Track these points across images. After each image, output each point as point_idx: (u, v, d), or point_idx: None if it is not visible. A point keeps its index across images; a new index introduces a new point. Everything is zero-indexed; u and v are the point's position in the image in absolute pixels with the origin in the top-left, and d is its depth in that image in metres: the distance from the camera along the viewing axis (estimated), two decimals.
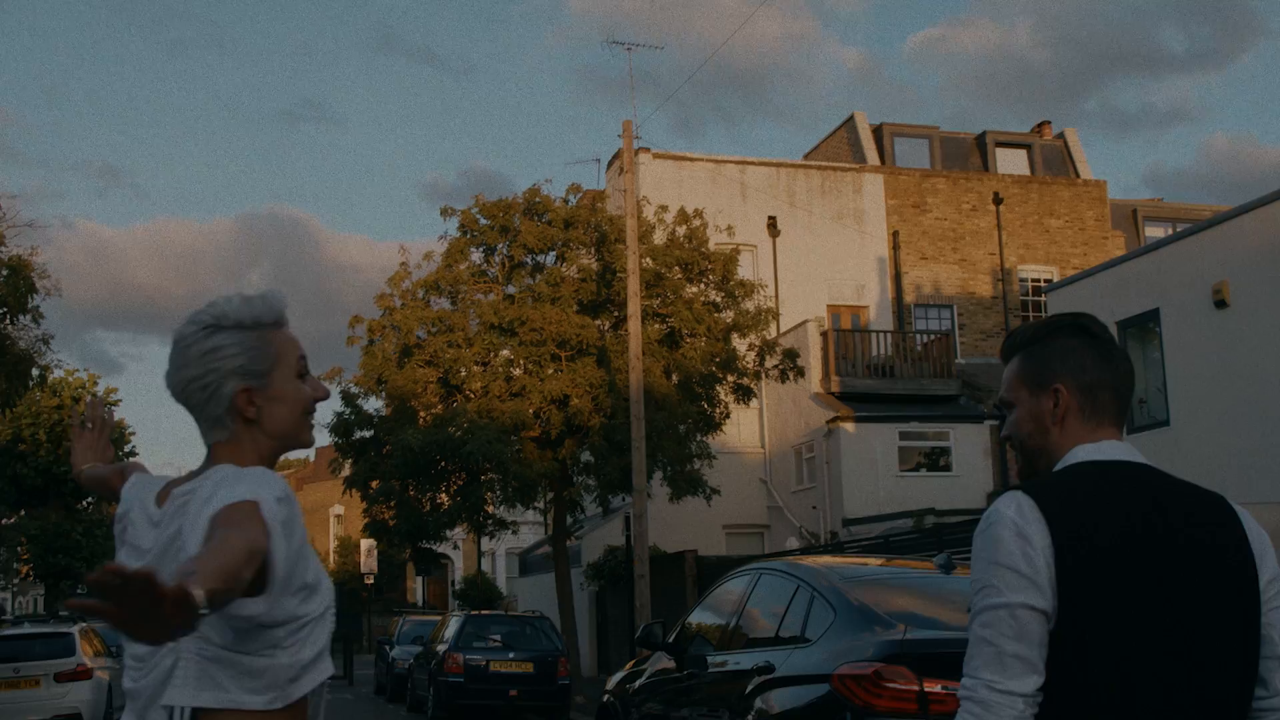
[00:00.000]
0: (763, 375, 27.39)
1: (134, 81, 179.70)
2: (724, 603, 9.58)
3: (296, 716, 2.53)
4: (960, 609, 7.60)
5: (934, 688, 6.87)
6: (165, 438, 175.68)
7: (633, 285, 23.58)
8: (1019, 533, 2.52)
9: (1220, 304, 18.96)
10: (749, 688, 8.01)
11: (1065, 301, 22.53)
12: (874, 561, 10.49)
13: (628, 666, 11.44)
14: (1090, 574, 2.50)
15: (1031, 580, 2.49)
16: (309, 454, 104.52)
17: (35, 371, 27.69)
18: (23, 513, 45.90)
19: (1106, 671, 2.49)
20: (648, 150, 33.64)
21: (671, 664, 9.76)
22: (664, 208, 27.17)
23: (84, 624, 21.43)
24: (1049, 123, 44.21)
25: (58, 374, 45.03)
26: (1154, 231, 42.93)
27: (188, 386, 2.68)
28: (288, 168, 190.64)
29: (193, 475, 2.65)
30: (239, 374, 2.64)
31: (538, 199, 26.58)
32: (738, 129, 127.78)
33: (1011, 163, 41.85)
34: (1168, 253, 20.34)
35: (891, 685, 6.76)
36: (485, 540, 39.68)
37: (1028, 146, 42.57)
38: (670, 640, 9.92)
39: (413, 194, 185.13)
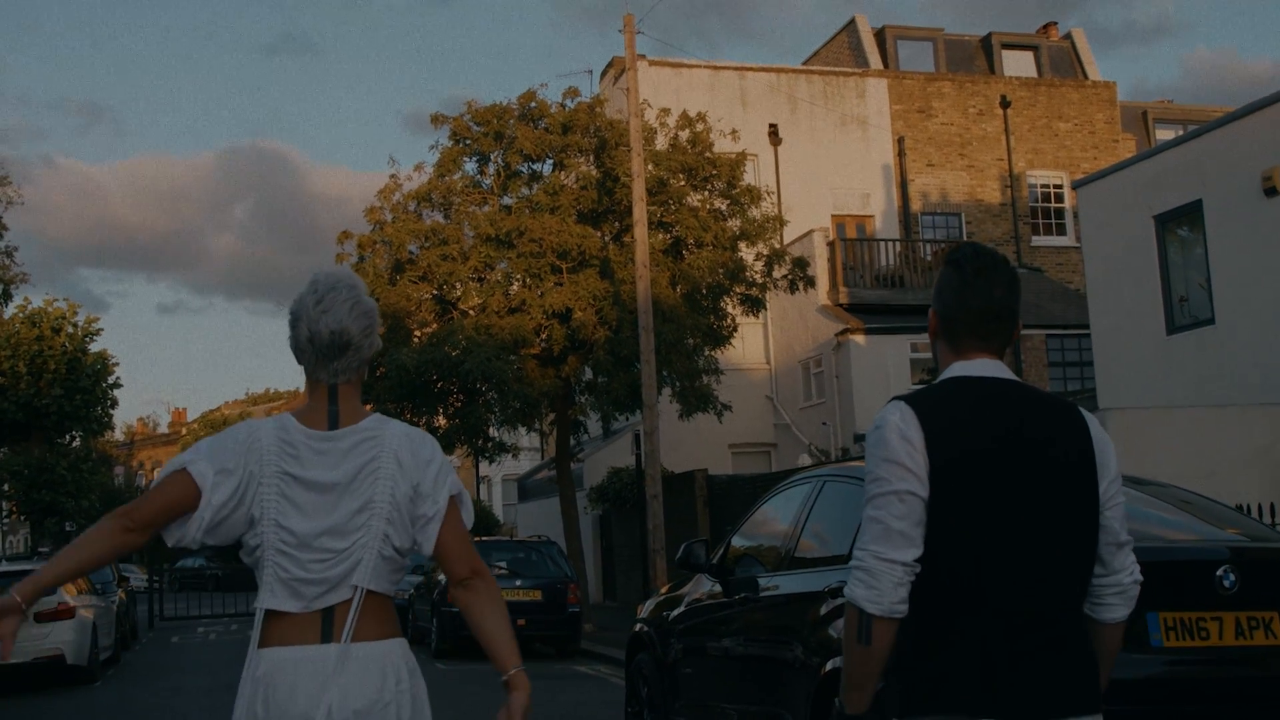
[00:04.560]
0: (771, 286, 26.08)
1: (113, 15, 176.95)
2: (777, 518, 8.38)
3: None
4: None
5: None
6: (148, 371, 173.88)
7: (638, 189, 22.24)
8: (902, 435, 3.02)
9: (1270, 192, 17.63)
10: (823, 612, 6.84)
11: (1097, 196, 21.24)
12: None
13: (663, 591, 10.29)
14: (955, 470, 2.99)
15: (913, 472, 2.99)
16: (299, 383, 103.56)
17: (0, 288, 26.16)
18: (4, 449, 44.57)
19: (962, 549, 2.99)
20: (644, 57, 32.16)
21: (716, 588, 8.59)
22: (665, 111, 25.77)
23: None
24: (1055, 24, 42.73)
25: (35, 303, 43.65)
26: (1165, 134, 41.58)
27: (365, 328, 3.35)
28: (269, 100, 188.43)
29: (331, 413, 3.34)
30: (377, 333, 3.41)
31: (533, 103, 25.15)
32: (721, 52, 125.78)
33: (1018, 65, 40.39)
34: (1211, 139, 18.96)
35: None
36: (484, 465, 38.59)
37: (1034, 48, 41.09)
38: (715, 561, 8.75)
39: (395, 124, 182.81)
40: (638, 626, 9.97)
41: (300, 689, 3.19)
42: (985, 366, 3.15)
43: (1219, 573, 5.88)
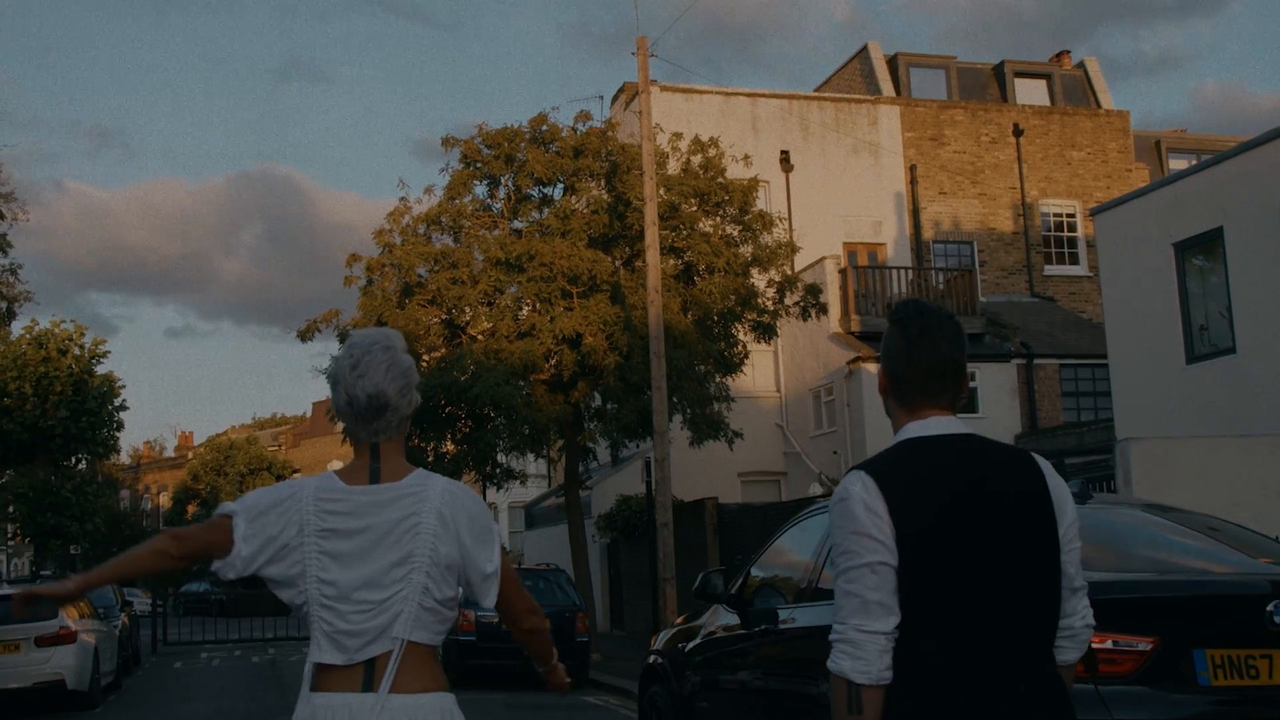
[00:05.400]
0: (783, 312, 25.81)
1: (124, 41, 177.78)
2: (798, 548, 8.09)
3: None
4: (1114, 547, 6.44)
5: (1103, 643, 5.45)
6: (155, 394, 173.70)
7: (650, 213, 22.00)
8: (866, 506, 3.09)
9: None
10: None
11: (1115, 223, 20.99)
12: None
13: (677, 622, 10.01)
14: (922, 534, 3.07)
15: (882, 542, 3.06)
16: (306, 408, 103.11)
17: (3, 305, 26.01)
18: (9, 471, 44.30)
19: (935, 609, 3.06)
20: (655, 83, 31.98)
21: (734, 619, 8.30)
22: (678, 135, 25.58)
23: None
24: (1068, 52, 42.54)
25: (42, 323, 43.45)
26: (1178, 164, 41.33)
27: (402, 388, 3.49)
28: (278, 126, 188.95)
29: (373, 469, 3.50)
30: (415, 390, 3.57)
31: (544, 127, 24.95)
32: (730, 80, 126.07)
33: (1031, 93, 40.20)
34: (1232, 166, 18.71)
35: None
36: (491, 492, 38.30)
37: (1047, 76, 40.90)
38: (733, 592, 8.46)
39: (404, 151, 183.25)
40: (652, 658, 9.70)
41: None
42: (939, 424, 3.24)
43: (1270, 608, 5.57)
